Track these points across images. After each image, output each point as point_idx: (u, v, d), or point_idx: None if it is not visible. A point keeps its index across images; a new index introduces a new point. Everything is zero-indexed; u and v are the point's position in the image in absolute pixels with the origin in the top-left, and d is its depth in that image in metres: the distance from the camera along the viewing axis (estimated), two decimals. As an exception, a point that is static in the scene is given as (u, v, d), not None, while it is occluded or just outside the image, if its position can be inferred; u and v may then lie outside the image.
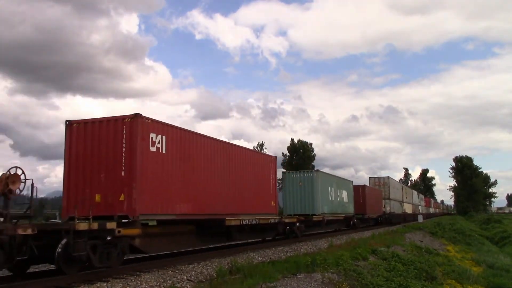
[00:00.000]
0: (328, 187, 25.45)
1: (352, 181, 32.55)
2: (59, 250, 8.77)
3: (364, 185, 35.72)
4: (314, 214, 23.04)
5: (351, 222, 30.66)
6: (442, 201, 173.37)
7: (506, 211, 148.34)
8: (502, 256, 29.09)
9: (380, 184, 43.72)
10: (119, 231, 9.71)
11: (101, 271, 9.87)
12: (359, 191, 33.58)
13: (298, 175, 23.94)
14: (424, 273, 15.76)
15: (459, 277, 18.17)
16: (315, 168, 25.01)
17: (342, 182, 29.27)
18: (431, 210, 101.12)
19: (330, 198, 25.70)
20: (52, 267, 10.65)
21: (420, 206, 73.52)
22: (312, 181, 23.48)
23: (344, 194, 28.99)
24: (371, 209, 35.90)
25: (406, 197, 55.49)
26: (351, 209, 30.38)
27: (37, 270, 10.36)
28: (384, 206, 41.84)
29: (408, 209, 55.97)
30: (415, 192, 72.52)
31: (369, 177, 45.49)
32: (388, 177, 45.04)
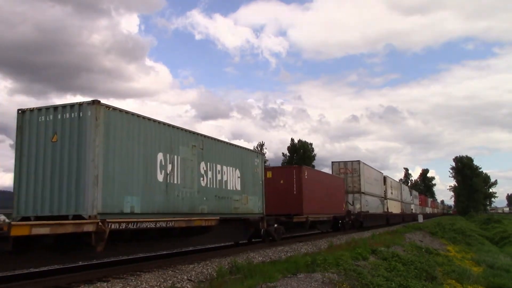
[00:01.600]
0: (155, 153, 11.23)
1: (262, 154, 20.08)
2: None
3: (301, 166, 21.83)
4: (80, 216, 9.17)
5: (262, 230, 16.97)
6: (442, 201, 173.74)
7: (500, 211, 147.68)
8: (502, 256, 29.11)
9: (347, 171, 30.94)
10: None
11: (101, 270, 9.88)
12: (290, 175, 20.41)
13: (51, 118, 9.94)
14: (424, 273, 15.78)
15: (459, 277, 18.20)
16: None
17: (223, 150, 14.75)
18: (428, 210, 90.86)
19: (158, 177, 11.25)
20: (53, 267, 10.65)
21: (413, 205, 62.95)
22: (80, 132, 9.63)
23: (231, 176, 14.99)
24: (318, 206, 22.29)
25: (392, 193, 44.20)
26: (252, 206, 16.08)
27: (37, 270, 10.35)
28: (353, 203, 30.01)
29: (394, 207, 44.84)
30: (405, 188, 60.16)
31: (332, 162, 32.27)
32: (359, 161, 31.64)
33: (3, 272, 9.37)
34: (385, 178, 41.63)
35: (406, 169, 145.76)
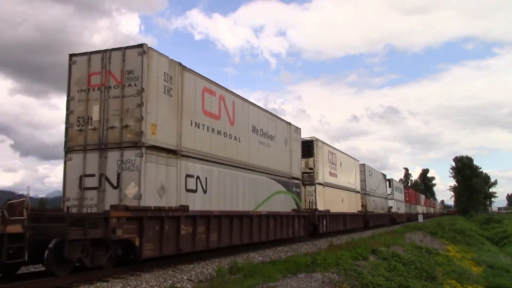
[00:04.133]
0: None
1: None
2: None
3: None
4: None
5: None
6: (442, 201, 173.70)
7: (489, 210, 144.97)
8: (502, 256, 29.13)
9: (112, 79, 10.66)
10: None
11: (101, 270, 9.87)
12: None
13: None
14: (424, 273, 15.79)
15: (459, 277, 18.23)
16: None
17: None
18: (420, 209, 72.83)
19: None
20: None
21: (393, 201, 45.54)
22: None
23: None
24: None
25: (336, 174, 25.75)
26: None
27: (37, 270, 10.35)
28: (120, 184, 10.23)
29: (343, 203, 26.59)
30: (377, 174, 39.62)
31: (70, 54, 11.28)
32: (143, 46, 10.39)
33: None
34: (312, 142, 22.38)
35: (406, 169, 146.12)
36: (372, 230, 30.95)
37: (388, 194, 44.15)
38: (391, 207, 44.36)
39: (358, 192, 31.00)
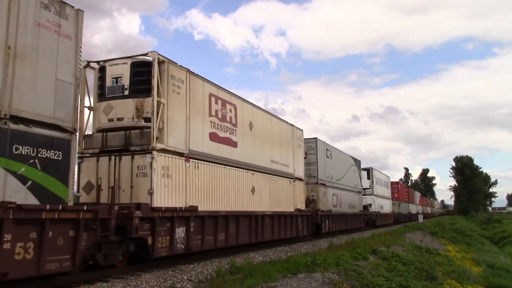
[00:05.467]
0: None
1: None
2: None
3: None
4: None
5: None
6: (442, 201, 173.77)
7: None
8: (502, 256, 29.14)
9: None
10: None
11: (101, 271, 9.87)
12: None
13: None
14: (424, 273, 15.79)
15: (459, 277, 18.23)
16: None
17: None
18: (415, 207, 63.28)
19: None
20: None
21: (373, 197, 36.03)
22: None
23: None
24: None
25: (241, 139, 14.45)
26: None
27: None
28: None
29: (271, 195, 16.60)
30: (343, 156, 28.65)
31: None
32: None
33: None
34: (150, 64, 10.80)
35: (406, 169, 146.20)
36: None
37: (366, 188, 33.82)
38: (370, 204, 34.31)
39: (299, 179, 20.02)
